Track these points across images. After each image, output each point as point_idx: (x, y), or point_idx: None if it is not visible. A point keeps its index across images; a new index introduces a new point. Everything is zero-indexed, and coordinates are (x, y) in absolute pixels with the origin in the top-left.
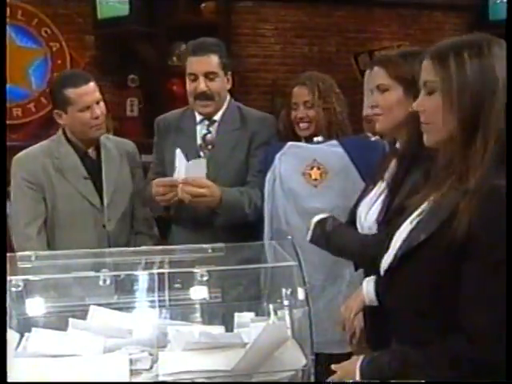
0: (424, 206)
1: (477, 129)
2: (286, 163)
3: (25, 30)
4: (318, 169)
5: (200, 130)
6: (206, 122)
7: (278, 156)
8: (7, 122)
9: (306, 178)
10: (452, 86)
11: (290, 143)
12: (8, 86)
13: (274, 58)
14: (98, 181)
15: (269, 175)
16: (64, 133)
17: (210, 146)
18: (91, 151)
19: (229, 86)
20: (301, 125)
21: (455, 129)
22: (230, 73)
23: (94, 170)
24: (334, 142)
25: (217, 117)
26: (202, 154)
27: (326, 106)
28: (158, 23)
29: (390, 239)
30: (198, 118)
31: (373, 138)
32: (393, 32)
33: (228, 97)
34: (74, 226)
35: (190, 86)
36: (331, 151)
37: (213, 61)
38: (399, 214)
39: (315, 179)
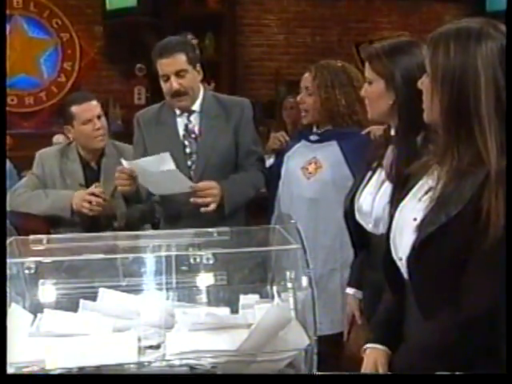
0: (430, 182)
1: (468, 115)
2: (292, 161)
3: (36, 21)
4: (315, 164)
5: (181, 122)
6: (186, 114)
7: (286, 155)
8: (20, 110)
9: (303, 172)
10: (437, 70)
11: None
12: (20, 75)
13: (278, 48)
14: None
15: (284, 168)
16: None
17: (193, 135)
18: (94, 163)
19: (200, 77)
20: (301, 111)
21: (443, 112)
22: (198, 64)
23: (92, 179)
24: (334, 142)
25: (196, 107)
26: (186, 143)
27: (326, 96)
28: (165, 14)
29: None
30: (178, 110)
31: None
32: (393, 22)
33: (201, 87)
34: None
35: (164, 86)
36: (330, 149)
37: (180, 59)
38: None
39: (310, 172)
